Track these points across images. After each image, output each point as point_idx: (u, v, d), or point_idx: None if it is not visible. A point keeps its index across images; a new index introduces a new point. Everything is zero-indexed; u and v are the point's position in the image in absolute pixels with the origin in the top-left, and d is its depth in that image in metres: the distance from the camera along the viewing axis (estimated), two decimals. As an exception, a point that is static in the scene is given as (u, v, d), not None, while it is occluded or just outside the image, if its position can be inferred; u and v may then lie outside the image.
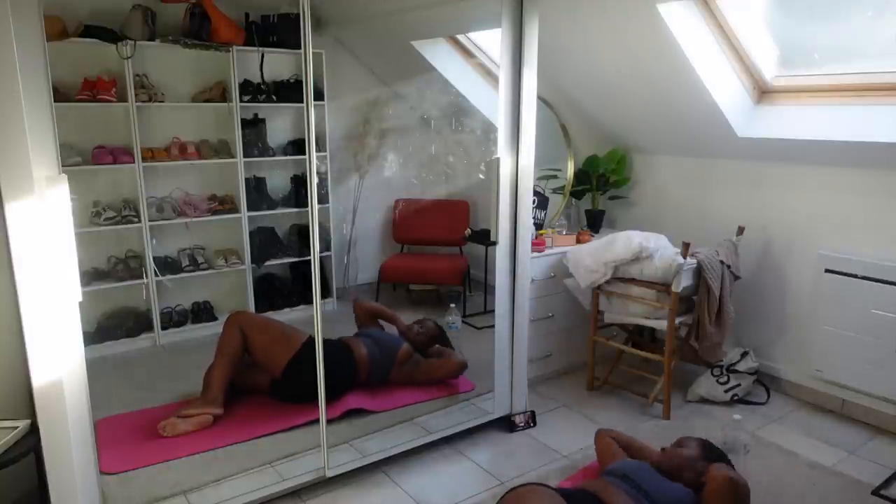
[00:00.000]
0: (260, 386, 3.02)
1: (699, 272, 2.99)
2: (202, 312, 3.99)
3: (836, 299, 2.99)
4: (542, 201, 3.69)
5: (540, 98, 3.05)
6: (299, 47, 2.30)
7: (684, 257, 2.92)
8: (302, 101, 2.35)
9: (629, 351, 3.28)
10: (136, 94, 3.53)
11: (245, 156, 3.96)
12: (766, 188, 3.31)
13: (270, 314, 4.15)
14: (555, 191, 3.85)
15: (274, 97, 4.02)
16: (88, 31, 3.34)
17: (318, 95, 4.06)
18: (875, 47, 2.72)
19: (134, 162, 3.59)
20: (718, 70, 3.03)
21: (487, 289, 4.26)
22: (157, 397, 3.10)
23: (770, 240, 3.33)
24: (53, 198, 1.82)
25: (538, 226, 3.58)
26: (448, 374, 3.22)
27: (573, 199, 3.93)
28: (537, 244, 3.27)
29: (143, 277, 3.70)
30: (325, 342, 2.57)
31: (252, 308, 4.10)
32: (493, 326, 2.92)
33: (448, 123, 4.59)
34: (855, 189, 2.98)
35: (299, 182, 4.24)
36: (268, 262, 4.16)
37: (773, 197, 3.29)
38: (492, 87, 4.11)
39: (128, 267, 3.70)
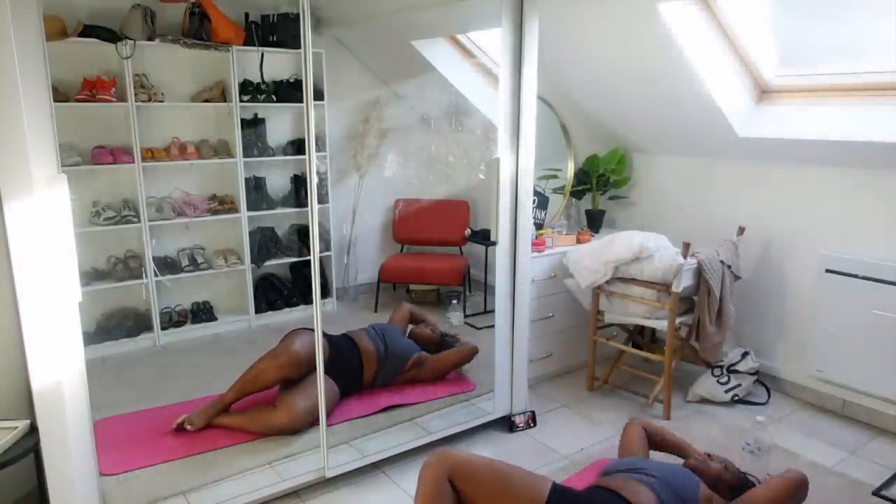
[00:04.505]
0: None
1: (699, 272, 2.99)
2: (202, 312, 3.99)
3: (837, 299, 2.99)
4: (542, 201, 3.69)
5: (540, 98, 3.04)
6: (299, 47, 2.30)
7: (685, 257, 2.92)
8: (302, 101, 2.35)
9: (629, 351, 3.28)
10: (135, 94, 3.53)
11: (245, 156, 3.96)
12: (766, 188, 3.31)
13: (269, 314, 4.15)
14: (555, 191, 3.85)
15: (274, 97, 4.01)
16: (88, 31, 3.34)
17: (318, 95, 4.06)
18: (875, 47, 2.72)
19: (134, 162, 3.58)
20: (719, 70, 3.02)
21: (487, 289, 4.25)
22: (157, 398, 3.10)
23: (770, 240, 3.32)
24: (53, 198, 1.82)
25: (538, 226, 3.57)
26: (463, 358, 3.27)
27: (573, 199, 3.93)
28: (537, 244, 3.27)
29: (142, 277, 3.70)
30: (333, 339, 2.52)
31: (251, 307, 4.10)
32: (493, 326, 2.92)
33: (448, 123, 4.58)
34: (855, 189, 2.97)
35: (299, 182, 4.24)
36: (267, 262, 4.16)
37: (773, 197, 3.28)
38: (492, 87, 4.10)
39: (127, 267, 3.70)
